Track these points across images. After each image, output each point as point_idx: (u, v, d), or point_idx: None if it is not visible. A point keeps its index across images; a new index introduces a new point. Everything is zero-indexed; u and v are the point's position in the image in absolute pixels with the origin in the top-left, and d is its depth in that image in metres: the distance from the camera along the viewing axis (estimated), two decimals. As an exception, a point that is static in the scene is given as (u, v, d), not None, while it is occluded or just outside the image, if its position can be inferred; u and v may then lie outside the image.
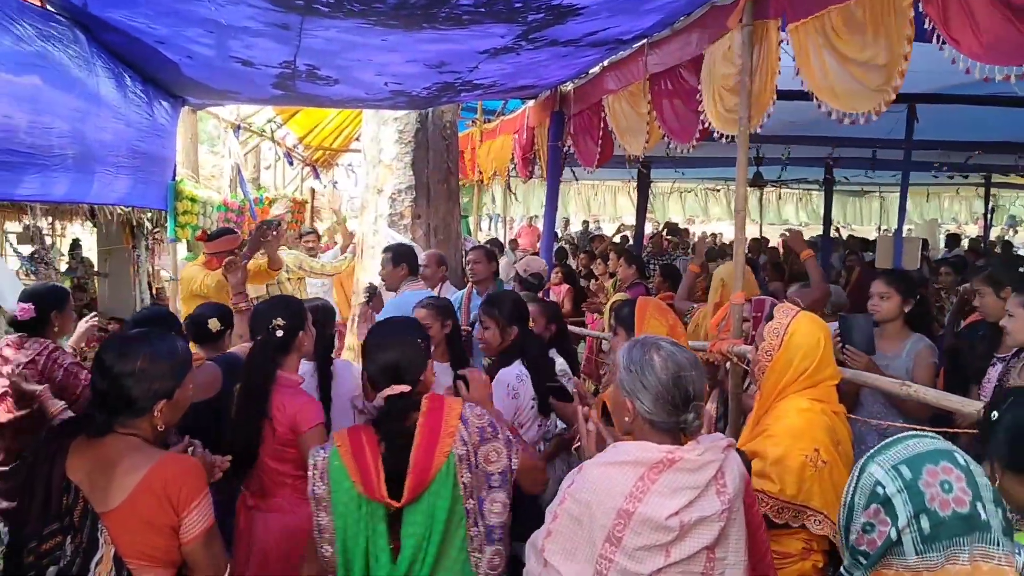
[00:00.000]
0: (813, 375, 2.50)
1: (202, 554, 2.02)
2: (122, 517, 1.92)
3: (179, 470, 2.00)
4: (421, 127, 6.70)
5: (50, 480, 1.92)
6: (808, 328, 2.54)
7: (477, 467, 2.23)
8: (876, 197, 19.70)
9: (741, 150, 3.54)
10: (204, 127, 13.22)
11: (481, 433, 2.24)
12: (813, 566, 2.43)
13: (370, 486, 2.11)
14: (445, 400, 2.28)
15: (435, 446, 2.16)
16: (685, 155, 4.96)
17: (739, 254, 3.67)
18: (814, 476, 2.37)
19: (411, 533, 2.14)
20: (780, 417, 2.53)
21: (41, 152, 3.92)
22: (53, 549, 1.89)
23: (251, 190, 8.73)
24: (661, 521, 1.74)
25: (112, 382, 1.96)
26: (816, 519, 2.39)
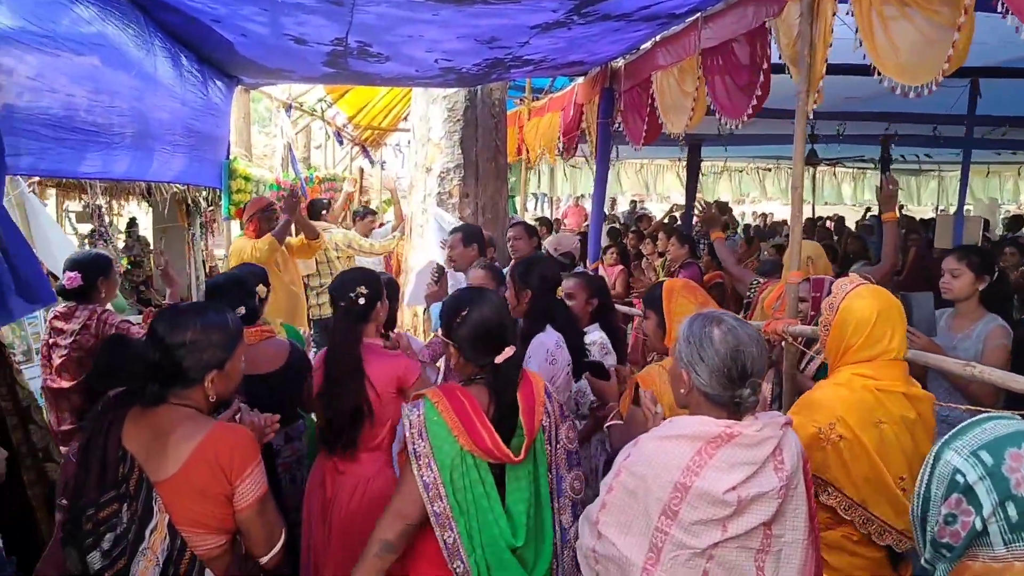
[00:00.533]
0: (863, 350, 2.43)
1: (255, 521, 2.05)
2: (176, 486, 1.96)
3: (232, 440, 2.02)
4: (470, 105, 6.69)
5: (106, 450, 1.96)
6: (861, 302, 2.47)
7: (559, 442, 2.26)
8: (934, 176, 19.14)
9: (799, 125, 3.46)
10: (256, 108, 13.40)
11: (562, 410, 2.29)
12: (844, 537, 2.40)
13: (481, 442, 2.10)
14: (528, 372, 2.31)
15: (533, 412, 2.20)
16: (736, 132, 4.86)
17: (795, 232, 3.60)
18: (825, 449, 2.34)
19: (519, 497, 2.16)
20: (814, 389, 2.53)
21: (102, 130, 4.01)
22: (110, 517, 1.94)
23: (302, 169, 8.82)
24: (719, 495, 1.73)
25: (164, 352, 2.00)
26: (827, 490, 2.37)
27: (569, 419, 2.31)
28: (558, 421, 2.27)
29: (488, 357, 2.23)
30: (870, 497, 2.35)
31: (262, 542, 2.08)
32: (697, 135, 10.00)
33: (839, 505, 2.36)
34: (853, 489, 2.35)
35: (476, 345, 2.24)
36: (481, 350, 2.24)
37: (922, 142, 10.58)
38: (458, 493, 2.11)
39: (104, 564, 1.91)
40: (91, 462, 1.97)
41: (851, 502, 2.35)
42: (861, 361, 2.44)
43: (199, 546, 1.98)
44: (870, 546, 2.40)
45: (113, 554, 1.92)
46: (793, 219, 3.61)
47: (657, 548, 1.77)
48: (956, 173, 15.61)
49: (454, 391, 2.20)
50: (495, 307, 2.29)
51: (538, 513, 2.19)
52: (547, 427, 2.23)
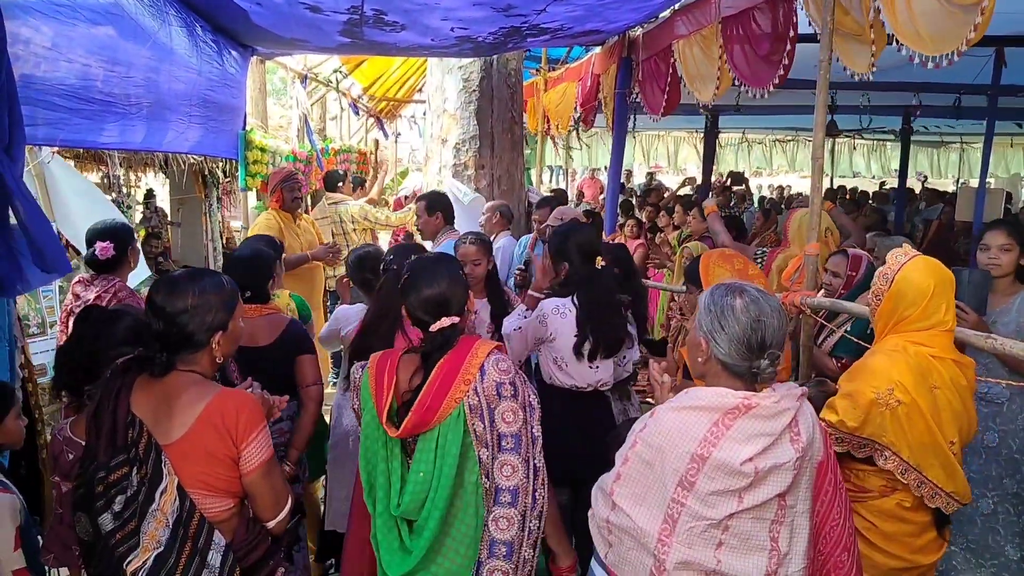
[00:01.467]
0: (918, 321, 2.45)
1: (262, 485, 2.08)
2: (184, 449, 1.99)
3: (237, 403, 2.05)
4: (486, 75, 6.63)
5: (116, 415, 2.00)
6: (917, 274, 2.47)
7: (492, 423, 2.19)
8: (955, 148, 18.84)
9: (820, 93, 3.41)
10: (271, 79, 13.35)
11: (498, 388, 2.19)
12: (898, 504, 2.43)
13: (379, 408, 2.20)
14: (475, 344, 2.26)
15: (448, 390, 2.17)
16: (755, 103, 4.80)
17: (815, 203, 3.56)
18: (884, 413, 2.37)
19: (419, 469, 2.18)
20: (868, 355, 2.54)
21: (119, 100, 4.01)
22: (120, 480, 1.97)
23: (317, 140, 8.81)
24: (736, 466, 1.73)
25: (168, 321, 2.03)
26: (884, 454, 2.40)
27: (511, 399, 2.19)
28: (492, 399, 2.19)
29: (428, 322, 2.26)
30: (924, 460, 2.39)
31: (269, 506, 2.12)
32: (716, 105, 9.88)
33: (897, 469, 2.39)
34: (909, 452, 2.38)
35: (416, 308, 2.27)
36: (422, 315, 2.26)
37: (945, 113, 10.39)
38: (369, 454, 2.23)
39: (115, 525, 1.95)
40: (101, 427, 2.00)
41: (908, 466, 2.39)
42: (914, 331, 2.46)
43: (208, 508, 2.02)
44: (919, 511, 2.45)
45: (124, 515, 1.96)
46: (813, 190, 3.56)
47: (672, 519, 1.77)
48: (978, 145, 15.36)
49: (387, 357, 2.29)
50: (439, 279, 2.28)
51: (437, 492, 2.14)
52: (475, 405, 2.17)
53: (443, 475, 2.14)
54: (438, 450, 2.16)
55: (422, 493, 2.16)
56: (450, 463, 2.14)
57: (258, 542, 2.13)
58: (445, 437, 2.17)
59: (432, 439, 2.18)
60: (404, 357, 2.29)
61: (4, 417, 2.52)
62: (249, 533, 2.11)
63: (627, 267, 3.96)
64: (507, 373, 2.22)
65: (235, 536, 2.07)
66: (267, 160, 6.57)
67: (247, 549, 2.09)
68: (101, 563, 1.99)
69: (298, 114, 8.43)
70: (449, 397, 2.16)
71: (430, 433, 2.18)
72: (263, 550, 2.14)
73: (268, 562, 2.15)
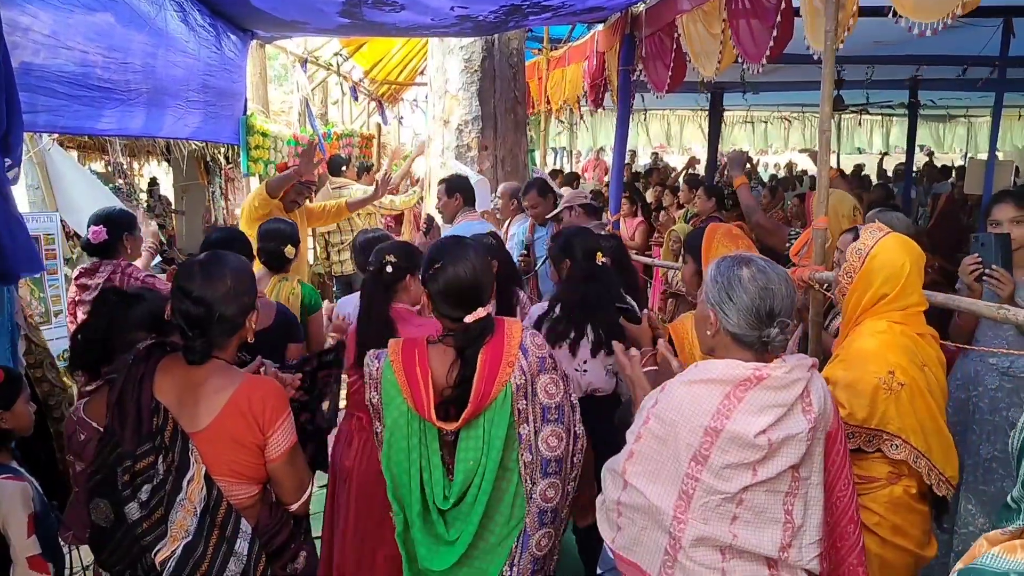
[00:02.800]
0: (895, 301, 2.38)
1: (286, 471, 2.08)
2: (211, 437, 1.98)
3: (264, 391, 2.04)
4: (487, 55, 6.58)
5: (140, 402, 1.97)
6: (893, 251, 2.41)
7: (535, 396, 2.20)
8: (962, 122, 18.67)
9: (827, 65, 3.35)
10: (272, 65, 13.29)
11: (541, 363, 2.21)
12: (905, 491, 2.35)
13: (420, 405, 2.12)
14: (506, 325, 2.25)
15: (495, 375, 2.15)
16: (760, 79, 4.74)
17: (823, 176, 3.51)
18: (889, 399, 2.29)
19: (465, 458, 2.15)
20: (854, 340, 2.45)
21: (117, 87, 3.99)
22: (147, 468, 1.95)
23: (319, 125, 8.77)
24: (750, 439, 1.71)
25: (208, 308, 1.99)
26: (893, 443, 2.32)
27: (552, 371, 2.22)
28: (535, 374, 2.20)
29: (458, 314, 2.19)
30: (929, 444, 2.32)
31: (293, 490, 2.13)
32: (720, 83, 9.79)
33: (909, 457, 2.30)
34: (918, 438, 2.31)
35: (446, 300, 2.20)
36: (451, 306, 2.20)
37: (952, 85, 10.29)
38: (397, 453, 2.16)
39: (142, 515, 1.94)
40: (126, 414, 1.98)
41: (919, 452, 2.31)
42: (891, 312, 2.40)
43: (233, 496, 2.01)
44: (923, 500, 2.38)
45: (151, 504, 1.94)
46: (821, 164, 3.52)
47: (687, 495, 1.76)
48: (985, 119, 15.24)
49: (413, 348, 2.19)
50: (472, 266, 2.21)
51: (483, 477, 2.15)
52: (521, 384, 2.17)
53: (489, 459, 2.15)
54: (484, 435, 2.15)
55: (467, 482, 2.15)
56: (496, 446, 2.14)
57: (281, 526, 2.14)
58: (491, 421, 2.16)
59: (477, 426, 2.16)
60: (432, 347, 2.22)
61: (14, 402, 2.51)
62: (272, 518, 2.12)
63: (619, 257, 3.91)
64: (544, 347, 2.25)
65: (259, 521, 2.08)
66: (269, 145, 6.54)
67: (271, 534, 2.10)
68: (120, 550, 1.98)
69: (299, 98, 8.40)
70: (497, 381, 2.15)
71: (474, 420, 2.16)
72: (287, 534, 2.15)
73: (290, 545, 2.16)
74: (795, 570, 1.79)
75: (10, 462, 2.54)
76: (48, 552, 2.44)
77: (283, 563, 2.12)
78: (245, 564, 1.98)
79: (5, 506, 2.36)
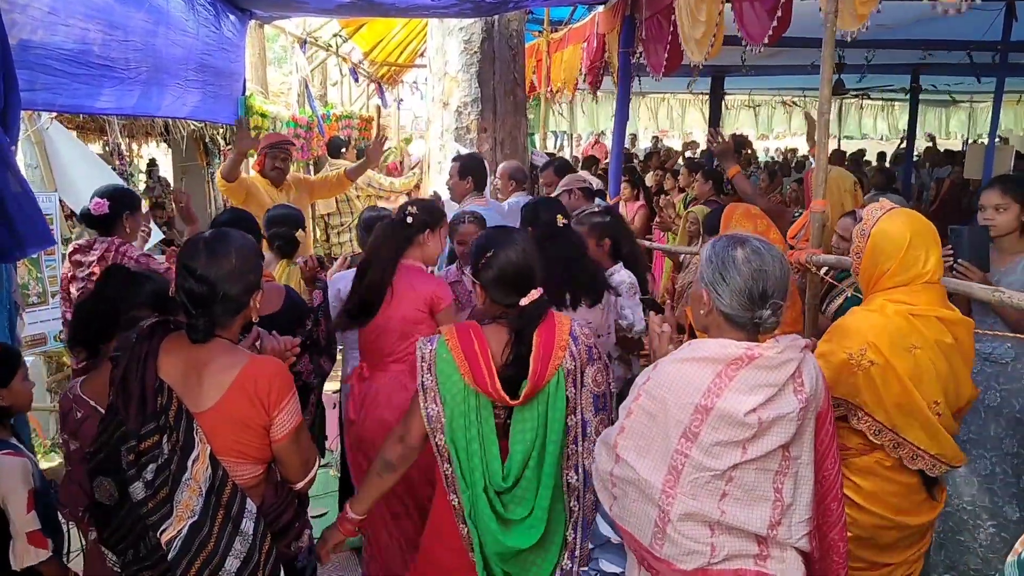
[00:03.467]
0: (897, 274, 2.38)
1: (292, 451, 2.08)
2: (216, 417, 1.98)
3: (269, 371, 2.03)
4: (487, 37, 6.55)
5: (144, 381, 1.96)
6: (893, 227, 2.40)
7: (584, 386, 2.25)
8: (964, 107, 18.61)
9: (827, 48, 3.34)
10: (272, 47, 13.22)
11: (589, 352, 2.27)
12: (877, 463, 2.39)
13: (482, 380, 2.14)
14: (555, 315, 2.30)
15: (550, 356, 2.19)
16: (760, 63, 4.72)
17: (821, 159, 3.51)
18: (857, 374, 2.32)
19: (521, 439, 2.18)
20: (845, 317, 2.49)
21: (116, 65, 3.99)
22: (151, 448, 1.94)
23: (319, 107, 8.75)
24: (740, 417, 1.73)
25: (212, 287, 1.98)
26: (856, 414, 2.37)
27: (599, 361, 2.29)
28: (584, 363, 2.25)
29: (513, 299, 2.23)
30: (901, 421, 2.34)
31: (298, 469, 2.13)
32: (721, 66, 9.76)
33: (869, 429, 2.36)
34: (884, 414, 2.34)
35: (501, 287, 2.25)
36: (506, 292, 2.25)
37: (954, 71, 10.25)
38: (457, 431, 2.17)
39: (147, 494, 1.93)
40: (130, 394, 1.97)
41: (881, 426, 2.35)
42: (896, 287, 2.40)
43: (238, 476, 2.01)
44: (902, 471, 2.40)
45: (155, 484, 1.93)
46: (819, 146, 3.52)
47: (676, 470, 1.77)
48: (987, 104, 15.18)
49: (467, 330, 2.22)
50: (521, 249, 2.27)
51: (541, 458, 2.19)
52: (571, 370, 2.22)
53: (550, 441, 2.19)
54: (539, 418, 2.19)
55: (524, 463, 2.17)
56: (557, 428, 2.19)
57: (286, 505, 2.15)
58: (546, 404, 2.19)
59: (532, 407, 2.19)
60: (486, 328, 2.26)
61: (11, 379, 2.52)
62: (277, 497, 2.13)
63: (617, 236, 3.90)
64: (591, 337, 2.30)
65: (264, 501, 2.08)
66: (267, 126, 6.53)
67: (276, 513, 2.11)
68: (123, 528, 1.98)
69: (298, 79, 8.37)
70: (551, 364, 2.19)
71: (529, 402, 2.19)
72: (291, 513, 2.16)
73: (295, 524, 2.17)
74: (784, 548, 1.81)
75: (9, 438, 2.55)
76: (48, 528, 2.46)
77: (288, 542, 2.14)
78: (251, 543, 1.98)
79: (5, 481, 2.37)
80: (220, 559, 1.95)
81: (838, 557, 2.01)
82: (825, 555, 1.99)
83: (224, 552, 1.95)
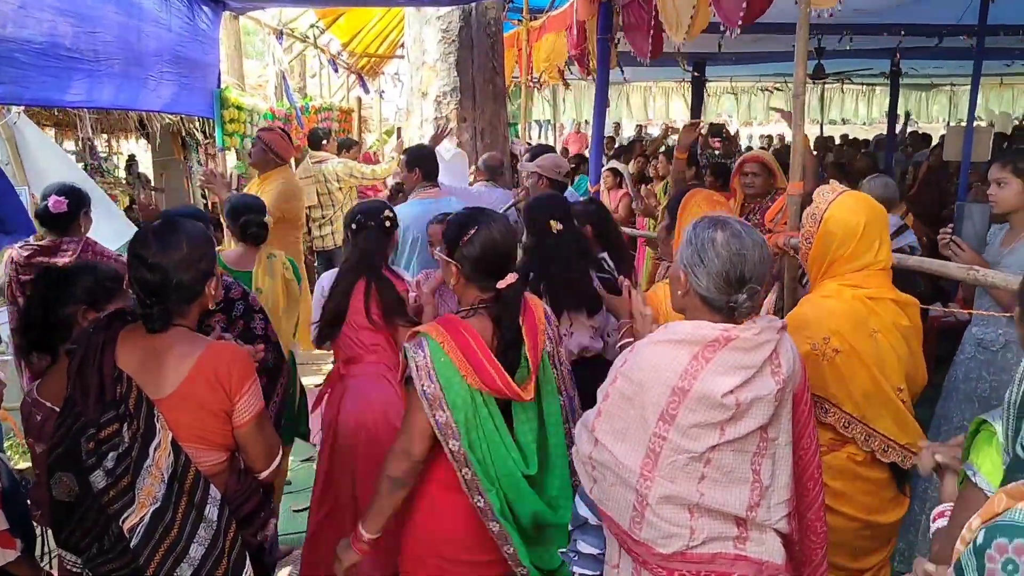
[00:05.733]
0: (850, 261, 2.35)
1: (255, 437, 2.08)
2: (177, 403, 1.97)
3: (229, 356, 2.04)
4: (465, 25, 6.51)
5: (102, 371, 1.96)
6: (846, 211, 2.36)
7: (562, 363, 2.25)
8: (945, 91, 18.73)
9: (801, 27, 3.32)
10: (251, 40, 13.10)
11: (557, 330, 2.28)
12: (849, 458, 2.37)
13: (489, 380, 2.06)
14: (528, 297, 2.26)
15: (537, 343, 2.15)
16: (741, 49, 4.70)
17: (797, 141, 3.50)
18: (823, 364, 2.28)
19: (528, 429, 2.15)
20: (801, 304, 2.44)
21: (86, 58, 3.91)
22: (111, 436, 1.93)
23: (297, 99, 8.67)
24: (717, 399, 1.72)
25: (164, 275, 1.97)
26: (823, 407, 2.32)
27: (567, 338, 2.32)
28: (558, 343, 2.25)
29: (491, 281, 2.15)
30: (870, 411, 2.31)
31: (261, 457, 2.12)
32: (702, 53, 9.76)
33: (839, 423, 2.32)
34: (852, 405, 2.31)
35: (480, 266, 2.16)
36: (485, 272, 2.16)
37: (932, 54, 10.29)
38: (472, 432, 2.08)
39: (108, 482, 1.92)
40: (88, 384, 1.96)
41: (851, 418, 2.31)
42: (847, 273, 2.37)
43: (201, 462, 2.00)
44: (874, 466, 2.37)
45: (117, 472, 1.92)
46: (795, 127, 3.50)
47: (655, 453, 1.76)
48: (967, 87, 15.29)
49: (456, 327, 2.11)
50: (504, 229, 2.20)
51: (545, 440, 2.19)
52: (550, 351, 2.22)
53: (548, 422, 2.19)
54: (536, 406, 2.18)
55: (538, 452, 2.16)
56: (554, 411, 2.19)
57: (251, 493, 2.13)
58: (539, 391, 2.18)
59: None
60: (472, 321, 2.16)
61: None
62: (241, 484, 2.12)
63: (600, 223, 3.88)
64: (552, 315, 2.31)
65: (227, 488, 2.07)
66: (244, 119, 6.46)
67: (240, 501, 2.09)
68: (86, 522, 1.96)
69: (275, 71, 8.29)
70: (539, 350, 2.16)
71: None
72: (256, 502, 2.14)
73: (260, 513, 2.16)
74: (764, 529, 1.81)
75: (-22, 439, 2.51)
76: (17, 529, 2.42)
77: (253, 531, 2.13)
78: (215, 529, 1.98)
79: None
80: (184, 546, 1.94)
81: (815, 537, 2.01)
82: (804, 537, 1.99)
83: (188, 539, 1.94)
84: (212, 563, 1.97)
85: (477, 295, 2.19)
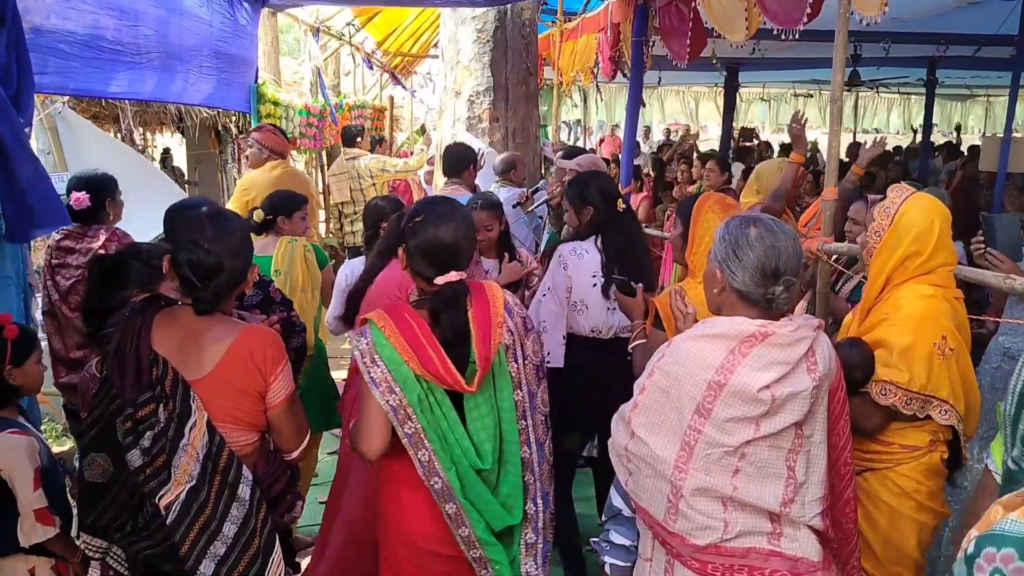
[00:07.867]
0: (926, 262, 2.35)
1: (287, 417, 2.13)
2: (213, 384, 2.02)
3: (262, 339, 2.09)
4: (500, 26, 6.53)
5: (139, 353, 2.00)
6: (922, 210, 2.37)
7: (526, 358, 2.18)
8: (981, 101, 18.45)
9: (840, 33, 3.30)
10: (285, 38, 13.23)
11: (525, 323, 2.21)
12: (940, 458, 2.37)
13: (432, 367, 2.01)
14: (487, 287, 2.19)
15: (489, 336, 2.09)
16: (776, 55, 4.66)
17: (833, 147, 3.48)
18: (942, 365, 2.28)
19: (482, 425, 2.10)
20: (901, 305, 2.39)
21: (128, 51, 4.00)
22: (148, 416, 1.98)
23: (331, 96, 8.76)
24: (753, 393, 1.72)
25: (218, 259, 2.01)
26: (942, 409, 2.30)
27: (532, 331, 2.22)
28: (522, 336, 2.18)
29: (430, 273, 2.09)
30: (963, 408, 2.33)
31: (292, 438, 2.17)
32: (736, 58, 9.70)
33: (957, 422, 2.31)
34: (961, 403, 2.31)
35: (422, 256, 2.10)
36: (425, 264, 2.10)
37: (969, 64, 10.16)
38: (425, 413, 2.05)
39: (144, 461, 1.96)
40: (125, 365, 2.00)
41: (960, 417, 2.32)
42: (923, 272, 2.36)
43: (234, 443, 2.04)
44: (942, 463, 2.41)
45: (153, 451, 1.96)
46: (832, 134, 3.48)
47: (689, 446, 1.77)
48: (1004, 98, 15.06)
49: (401, 313, 2.07)
50: (455, 226, 2.10)
51: (502, 437, 2.13)
52: (510, 344, 2.14)
53: (505, 420, 2.14)
54: (491, 400, 2.12)
55: (494, 447, 2.11)
56: (508, 407, 2.14)
57: (279, 475, 2.18)
58: (493, 384, 2.14)
59: (483, 390, 2.11)
60: (419, 311, 2.12)
61: (26, 360, 2.54)
62: (270, 465, 2.16)
63: None
64: (522, 307, 2.26)
65: (256, 469, 2.11)
66: (280, 114, 6.53)
67: (270, 481, 2.14)
68: (118, 502, 2.00)
69: (311, 68, 8.37)
70: (492, 344, 2.09)
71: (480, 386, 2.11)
72: (284, 482, 2.19)
73: (287, 495, 2.20)
74: (798, 526, 1.81)
75: (17, 418, 2.57)
76: (56, 506, 2.48)
77: (280, 512, 2.16)
78: (248, 508, 2.02)
79: (12, 459, 2.39)
80: (218, 524, 1.98)
81: (841, 534, 1.99)
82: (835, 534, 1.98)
83: (222, 517, 1.98)
84: (244, 541, 2.01)
85: (423, 285, 2.15)
